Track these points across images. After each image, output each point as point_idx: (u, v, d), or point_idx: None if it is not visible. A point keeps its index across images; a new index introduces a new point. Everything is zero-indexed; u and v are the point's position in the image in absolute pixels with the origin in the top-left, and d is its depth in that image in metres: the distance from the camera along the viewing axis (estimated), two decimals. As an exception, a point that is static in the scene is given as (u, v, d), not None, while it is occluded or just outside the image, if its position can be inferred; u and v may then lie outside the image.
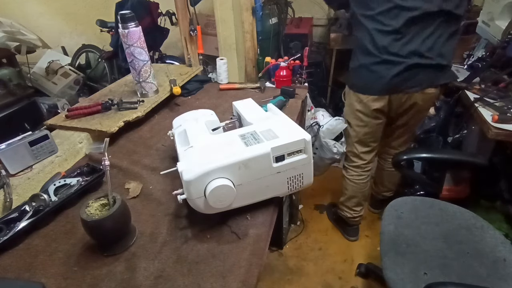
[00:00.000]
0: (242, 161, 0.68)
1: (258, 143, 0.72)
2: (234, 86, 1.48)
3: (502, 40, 1.34)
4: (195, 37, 1.50)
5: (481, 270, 0.94)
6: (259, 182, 0.71)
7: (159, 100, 1.25)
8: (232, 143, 0.74)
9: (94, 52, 3.13)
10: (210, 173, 0.66)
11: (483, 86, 1.36)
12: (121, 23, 1.10)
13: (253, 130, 0.78)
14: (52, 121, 1.12)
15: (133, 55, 1.15)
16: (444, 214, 1.13)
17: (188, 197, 0.69)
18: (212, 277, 0.61)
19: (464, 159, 1.22)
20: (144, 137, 1.11)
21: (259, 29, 1.58)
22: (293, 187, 0.76)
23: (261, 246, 0.68)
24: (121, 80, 1.48)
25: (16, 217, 0.73)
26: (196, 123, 0.88)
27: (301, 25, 2.34)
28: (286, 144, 0.71)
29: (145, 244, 0.69)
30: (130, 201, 0.81)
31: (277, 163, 0.71)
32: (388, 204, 1.18)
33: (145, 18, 2.37)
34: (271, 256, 1.62)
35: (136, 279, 0.61)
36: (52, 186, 0.80)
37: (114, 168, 0.93)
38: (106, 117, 1.13)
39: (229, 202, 0.69)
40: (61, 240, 0.71)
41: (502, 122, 1.12)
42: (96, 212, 0.65)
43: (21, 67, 2.82)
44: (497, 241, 1.01)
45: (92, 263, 0.65)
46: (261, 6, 1.66)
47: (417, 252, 1.01)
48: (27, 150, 0.96)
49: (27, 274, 0.63)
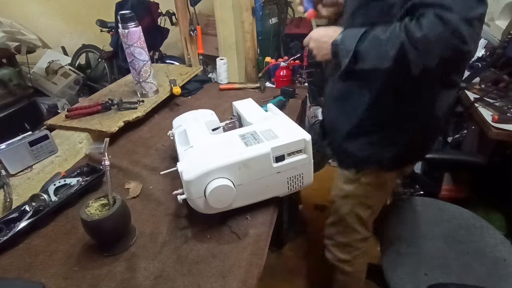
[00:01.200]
0: (242, 161, 0.68)
1: (258, 143, 0.72)
2: (234, 86, 1.48)
3: (502, 40, 1.33)
4: (195, 37, 1.50)
5: (481, 270, 0.94)
6: (259, 182, 0.71)
7: (159, 100, 1.25)
8: (232, 143, 0.74)
9: (94, 52, 3.14)
10: (210, 173, 0.66)
11: (483, 86, 1.36)
12: (121, 23, 1.10)
13: (253, 130, 0.78)
14: (52, 121, 1.12)
15: (133, 55, 1.15)
16: (444, 214, 1.13)
17: (188, 197, 0.69)
18: (212, 277, 0.61)
19: (463, 159, 1.22)
20: (144, 137, 1.11)
21: (259, 29, 1.59)
22: (293, 187, 0.76)
23: (261, 246, 0.68)
24: (121, 80, 1.48)
25: (16, 217, 0.73)
26: (196, 123, 0.88)
27: (301, 25, 2.34)
28: (286, 144, 0.71)
29: (145, 244, 0.69)
30: (130, 201, 0.81)
31: (277, 163, 0.71)
32: (388, 205, 1.18)
33: (145, 18, 2.37)
34: (271, 256, 1.62)
35: (136, 279, 0.61)
36: (52, 186, 0.80)
37: (114, 168, 0.93)
38: (106, 117, 1.13)
39: (229, 202, 0.69)
40: (61, 240, 0.71)
41: (502, 122, 1.12)
42: (96, 212, 0.65)
43: (21, 67, 2.82)
44: (497, 241, 1.01)
45: (92, 263, 0.65)
46: (261, 6, 1.66)
47: (417, 252, 1.01)
48: (27, 150, 0.96)
49: (27, 274, 0.63)
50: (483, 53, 1.53)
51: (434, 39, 0.62)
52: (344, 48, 0.77)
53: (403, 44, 0.65)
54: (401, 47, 0.66)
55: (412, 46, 0.64)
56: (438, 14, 0.61)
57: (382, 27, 0.71)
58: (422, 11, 0.64)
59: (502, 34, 1.33)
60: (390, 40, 0.68)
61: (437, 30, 0.61)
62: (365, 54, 0.73)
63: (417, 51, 0.64)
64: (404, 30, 0.65)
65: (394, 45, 0.67)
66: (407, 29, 0.65)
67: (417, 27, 0.63)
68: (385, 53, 0.69)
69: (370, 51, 0.73)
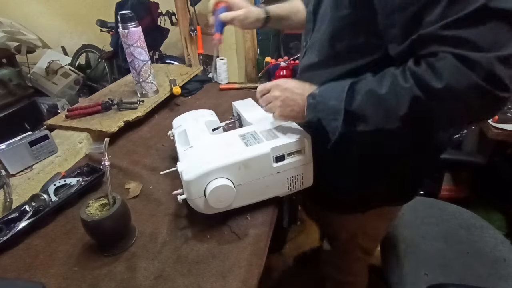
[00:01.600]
0: (242, 161, 0.68)
1: (258, 143, 0.72)
2: (234, 86, 1.48)
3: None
4: (195, 37, 1.50)
5: (481, 270, 0.94)
6: (259, 182, 0.71)
7: (159, 100, 1.25)
8: (232, 143, 0.74)
9: (94, 52, 3.14)
10: (210, 173, 0.66)
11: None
12: (121, 23, 1.10)
13: (253, 130, 0.78)
14: (52, 121, 1.12)
15: (133, 55, 1.15)
16: (444, 214, 1.13)
17: (188, 197, 0.69)
18: (212, 277, 0.61)
19: (463, 159, 1.22)
20: (144, 137, 1.11)
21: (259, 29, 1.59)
22: (293, 187, 0.76)
23: (261, 246, 0.68)
24: (121, 80, 1.48)
25: (16, 217, 0.73)
26: (196, 123, 0.88)
27: (301, 25, 2.34)
28: (286, 144, 0.70)
29: (145, 244, 0.69)
30: (130, 201, 0.81)
31: (277, 163, 0.71)
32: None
33: (145, 18, 2.37)
34: (271, 256, 1.62)
35: (136, 279, 0.61)
36: (52, 186, 0.80)
37: (114, 168, 0.93)
38: (106, 117, 1.13)
39: (229, 202, 0.69)
40: (61, 240, 0.71)
41: (502, 122, 1.12)
42: (96, 212, 0.65)
43: (21, 67, 2.82)
44: (497, 241, 1.01)
45: (92, 263, 0.65)
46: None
47: (417, 252, 1.01)
48: (27, 150, 0.96)
49: (27, 274, 0.63)
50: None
51: (463, 88, 0.44)
52: (327, 107, 0.59)
53: (418, 100, 0.48)
54: (413, 102, 0.49)
55: (431, 100, 0.48)
56: (459, 54, 0.44)
57: (370, 77, 0.56)
58: (433, 49, 0.47)
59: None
60: (394, 94, 0.51)
61: (463, 77, 0.44)
62: (362, 115, 0.56)
63: (439, 106, 0.48)
64: (412, 80, 0.49)
65: (402, 101, 0.50)
66: (418, 77, 0.48)
67: (432, 75, 0.46)
68: (390, 112, 0.52)
69: (368, 110, 0.55)
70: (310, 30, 0.74)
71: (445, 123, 0.52)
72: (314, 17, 0.72)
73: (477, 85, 0.43)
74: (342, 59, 0.65)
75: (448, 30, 0.45)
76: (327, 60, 0.67)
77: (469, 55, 0.43)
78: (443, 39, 0.45)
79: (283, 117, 0.69)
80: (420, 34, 0.47)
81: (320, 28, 0.68)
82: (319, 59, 0.69)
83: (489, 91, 0.43)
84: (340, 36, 0.63)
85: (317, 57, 0.69)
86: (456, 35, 0.44)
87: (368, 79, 0.56)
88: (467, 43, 0.44)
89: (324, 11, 0.66)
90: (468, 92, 0.44)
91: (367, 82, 0.56)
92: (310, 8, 0.73)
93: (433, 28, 0.46)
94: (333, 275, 1.09)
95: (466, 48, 0.44)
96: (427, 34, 0.47)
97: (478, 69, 0.43)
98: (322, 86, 0.62)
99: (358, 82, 0.57)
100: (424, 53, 0.48)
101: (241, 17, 0.80)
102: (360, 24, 0.59)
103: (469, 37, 0.43)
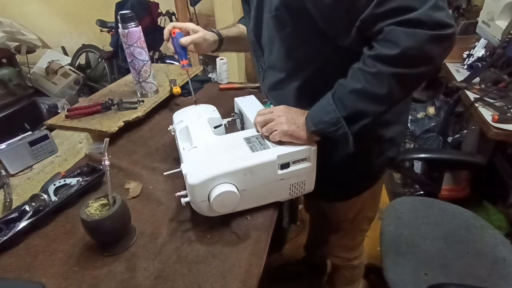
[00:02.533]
0: (248, 168, 0.67)
1: (264, 148, 0.71)
2: (234, 86, 1.48)
3: (502, 40, 1.34)
4: (195, 37, 1.50)
5: (481, 270, 0.94)
6: (262, 187, 0.71)
7: (159, 100, 1.25)
8: (237, 146, 0.73)
9: (94, 52, 3.14)
10: (215, 178, 0.66)
11: (483, 86, 1.36)
12: (121, 23, 1.10)
13: (258, 133, 0.77)
14: (52, 121, 1.12)
15: (133, 55, 1.15)
16: (444, 214, 1.13)
17: (191, 200, 0.68)
18: (212, 277, 0.61)
19: (463, 159, 1.22)
20: (144, 137, 1.11)
21: (259, 29, 1.59)
22: (295, 193, 0.76)
23: (261, 246, 0.68)
24: (121, 80, 1.48)
25: (16, 217, 0.73)
26: (198, 120, 0.86)
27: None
28: (292, 152, 0.70)
29: (145, 244, 0.69)
30: (130, 201, 0.81)
31: (282, 170, 0.71)
32: (388, 205, 1.18)
33: (145, 18, 2.37)
34: (271, 256, 1.62)
35: (136, 279, 0.61)
36: (52, 186, 0.80)
37: (114, 168, 0.93)
38: (106, 117, 1.13)
39: (233, 206, 0.68)
40: (61, 240, 0.71)
41: (502, 122, 1.12)
42: (96, 212, 0.65)
43: (21, 67, 2.82)
44: (497, 241, 1.01)
45: (92, 263, 0.65)
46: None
47: (417, 252, 1.01)
48: (27, 150, 0.96)
49: (27, 274, 0.63)
50: (483, 53, 1.53)
51: (420, 44, 0.51)
52: (324, 121, 0.64)
53: (390, 74, 0.55)
54: (388, 78, 0.55)
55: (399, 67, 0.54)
56: (401, 21, 0.51)
57: (343, 81, 0.61)
58: (379, 27, 0.53)
59: (502, 34, 1.33)
60: (370, 82, 0.57)
61: (415, 36, 0.51)
62: (358, 112, 0.61)
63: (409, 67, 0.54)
64: (376, 62, 0.55)
65: (380, 82, 0.56)
66: (379, 57, 0.54)
67: (389, 47, 0.53)
68: (378, 96, 0.58)
69: (360, 105, 0.60)
70: (260, 56, 0.83)
71: (421, 78, 0.58)
72: (259, 44, 0.81)
73: (429, 36, 0.51)
74: (305, 64, 0.72)
75: (381, 6, 0.52)
76: (292, 71, 0.75)
77: (409, 18, 0.50)
78: (382, 15, 0.52)
79: (287, 135, 0.70)
80: (361, 19, 0.55)
81: (272, 51, 0.76)
82: (285, 74, 0.76)
83: (440, 35, 0.51)
84: (294, 48, 0.71)
85: (282, 73, 0.76)
86: (391, 7, 0.51)
87: (343, 84, 0.62)
88: (403, 9, 0.51)
89: (269, 36, 0.74)
90: (425, 45, 0.51)
91: (343, 86, 0.62)
92: (251, 38, 0.82)
93: (369, 11, 0.53)
94: (342, 255, 1.14)
95: (404, 14, 0.51)
96: (367, 17, 0.54)
97: (422, 24, 0.50)
98: (310, 110, 0.68)
99: (337, 91, 0.63)
100: (373, 32, 0.55)
101: (200, 40, 0.86)
102: (306, 33, 0.66)
103: (400, 4, 0.51)
